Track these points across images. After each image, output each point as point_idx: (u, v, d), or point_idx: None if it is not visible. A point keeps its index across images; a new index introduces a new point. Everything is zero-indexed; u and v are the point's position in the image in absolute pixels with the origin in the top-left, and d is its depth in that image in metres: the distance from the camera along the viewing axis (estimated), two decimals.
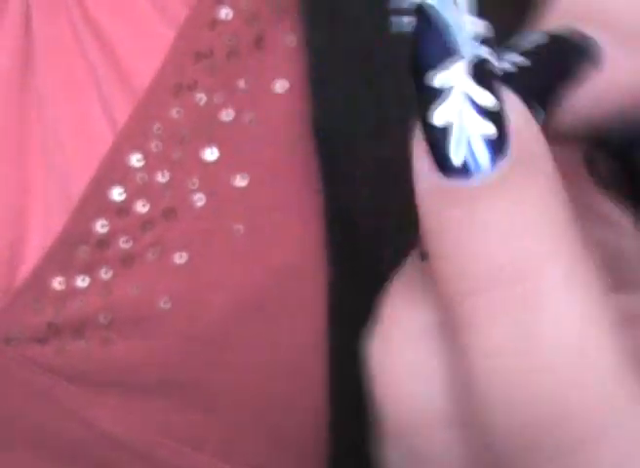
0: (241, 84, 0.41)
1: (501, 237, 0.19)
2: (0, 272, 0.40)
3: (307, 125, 0.40)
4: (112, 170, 0.40)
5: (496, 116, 0.19)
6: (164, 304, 0.41)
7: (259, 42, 0.41)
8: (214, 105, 0.41)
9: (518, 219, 0.19)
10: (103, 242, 0.40)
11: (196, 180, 0.41)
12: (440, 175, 0.19)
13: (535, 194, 0.19)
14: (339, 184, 0.40)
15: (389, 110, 0.40)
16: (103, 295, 0.40)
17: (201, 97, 0.41)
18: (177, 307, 0.41)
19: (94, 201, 0.40)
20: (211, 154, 0.41)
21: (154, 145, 0.40)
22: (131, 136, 0.40)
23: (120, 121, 0.40)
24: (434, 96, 0.19)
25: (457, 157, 0.19)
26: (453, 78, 0.19)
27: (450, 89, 0.19)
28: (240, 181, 0.41)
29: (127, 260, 0.40)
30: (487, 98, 0.19)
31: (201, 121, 0.41)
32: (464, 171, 0.19)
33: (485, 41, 0.19)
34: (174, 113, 0.41)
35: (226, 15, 0.41)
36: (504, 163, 0.19)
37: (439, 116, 0.19)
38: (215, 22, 0.41)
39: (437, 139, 0.19)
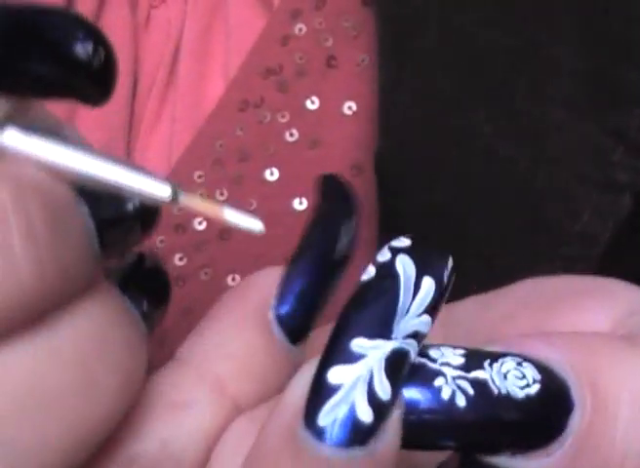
0: (309, 104, 0.39)
1: None
2: None
3: (369, 151, 0.38)
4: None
5: (379, 408, 0.19)
6: None
7: (330, 61, 0.39)
8: (278, 124, 0.39)
9: None
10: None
11: (254, 201, 0.39)
12: (302, 424, 0.19)
13: None
14: (389, 222, 0.37)
15: (447, 153, 0.37)
16: None
17: (265, 116, 0.39)
18: None
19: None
20: (270, 175, 0.39)
21: (215, 163, 0.39)
22: (195, 153, 0.39)
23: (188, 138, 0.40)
24: (344, 358, 0.19)
25: (324, 418, 0.19)
26: (370, 351, 0.19)
27: (361, 358, 0.19)
28: (298, 205, 0.39)
29: (179, 280, 0.39)
30: (384, 389, 0.19)
31: (264, 140, 0.39)
32: (321, 433, 0.19)
33: (418, 337, 0.20)
34: (237, 130, 0.39)
35: (300, 30, 0.39)
36: (358, 452, 0.19)
37: (335, 374, 0.19)
38: (287, 38, 0.39)
39: (319, 393, 0.19)
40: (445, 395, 0.20)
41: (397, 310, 0.20)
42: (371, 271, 0.20)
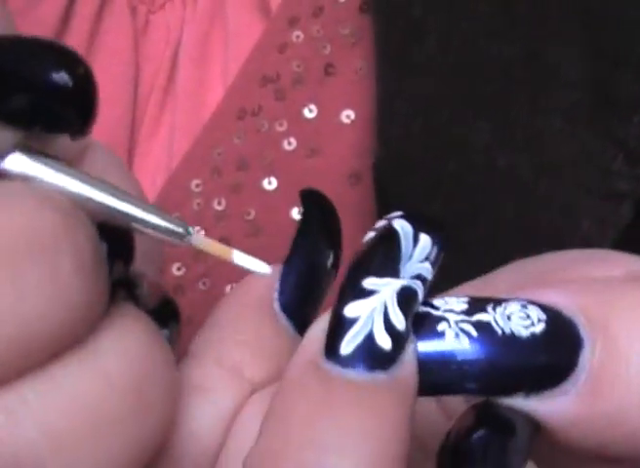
0: (306, 112, 0.39)
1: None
2: None
3: (368, 160, 0.37)
4: (173, 194, 0.39)
5: (397, 336, 0.20)
6: None
7: (328, 68, 0.39)
8: (276, 133, 0.39)
9: (358, 428, 0.20)
10: None
11: (252, 210, 0.39)
12: (323, 355, 0.20)
13: (387, 419, 0.20)
14: None
15: (446, 163, 0.37)
16: None
17: (263, 124, 0.39)
18: None
19: None
20: (269, 184, 0.39)
21: (213, 171, 0.39)
22: (192, 161, 0.39)
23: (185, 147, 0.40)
24: (358, 294, 0.21)
25: (346, 347, 0.20)
26: (382, 287, 0.21)
27: (374, 293, 0.21)
28: (297, 215, 0.38)
29: (178, 289, 0.39)
30: (398, 319, 0.21)
31: (262, 149, 0.39)
32: (345, 361, 0.20)
33: (422, 280, 0.21)
34: (235, 139, 0.39)
35: (297, 38, 0.39)
36: (381, 376, 0.20)
37: (352, 309, 0.21)
38: (285, 45, 0.39)
39: (338, 326, 0.21)
40: (449, 338, 0.21)
41: (401, 254, 0.21)
42: (371, 233, 0.22)
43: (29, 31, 0.40)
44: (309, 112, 0.39)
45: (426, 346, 0.21)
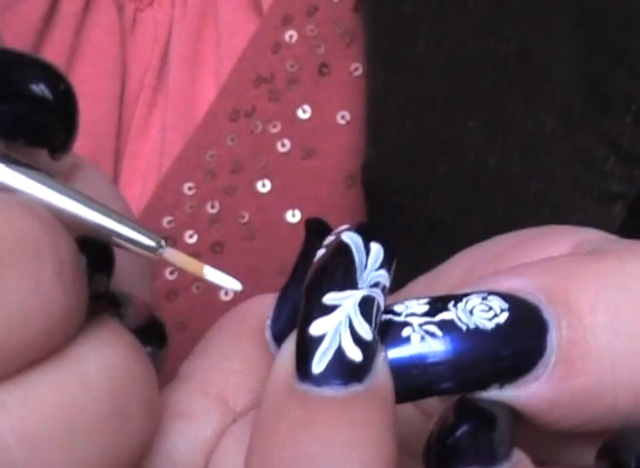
0: (301, 113, 0.38)
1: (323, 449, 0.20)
2: None
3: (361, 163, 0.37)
4: (165, 197, 0.39)
5: (366, 347, 0.20)
6: None
7: (322, 68, 0.38)
8: (270, 134, 0.38)
9: (344, 440, 0.20)
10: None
11: (246, 214, 0.38)
12: (296, 378, 0.21)
13: (372, 427, 0.20)
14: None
15: (437, 164, 0.37)
16: None
17: (257, 125, 0.38)
18: None
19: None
20: (262, 186, 0.38)
21: (206, 174, 0.38)
22: (185, 163, 0.39)
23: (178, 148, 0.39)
24: (321, 312, 0.21)
25: (317, 366, 0.20)
26: (343, 300, 0.21)
27: (336, 308, 0.21)
28: (291, 217, 0.38)
29: (171, 293, 0.38)
30: (364, 329, 0.21)
31: (255, 150, 0.38)
32: (319, 380, 0.20)
33: (381, 288, 0.21)
34: (228, 140, 0.38)
35: (291, 37, 0.38)
36: (356, 387, 0.20)
37: (317, 327, 0.21)
38: (278, 45, 0.39)
39: (306, 346, 0.21)
40: (415, 343, 0.21)
41: (356, 265, 0.21)
42: (321, 251, 0.22)
43: (13, 27, 0.40)
44: (304, 113, 0.38)
45: (395, 354, 0.21)
